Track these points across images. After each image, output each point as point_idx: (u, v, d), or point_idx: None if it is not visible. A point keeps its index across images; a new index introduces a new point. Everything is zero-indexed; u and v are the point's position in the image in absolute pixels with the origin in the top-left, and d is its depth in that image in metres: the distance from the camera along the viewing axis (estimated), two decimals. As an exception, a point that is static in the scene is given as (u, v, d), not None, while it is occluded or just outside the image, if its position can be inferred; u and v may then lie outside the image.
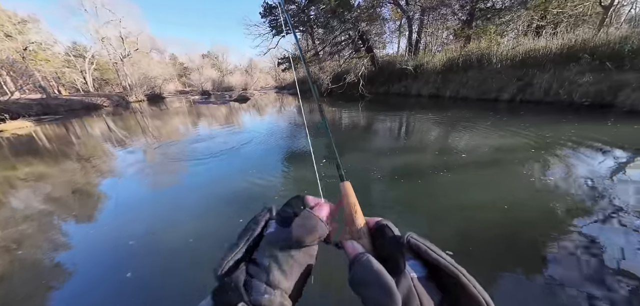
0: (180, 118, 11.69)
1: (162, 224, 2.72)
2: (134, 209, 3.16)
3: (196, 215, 2.88)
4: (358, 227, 0.37)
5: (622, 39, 7.48)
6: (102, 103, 22.18)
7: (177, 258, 2.16)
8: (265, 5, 17.32)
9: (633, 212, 2.28)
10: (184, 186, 3.79)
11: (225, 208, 3.00)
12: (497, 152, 4.11)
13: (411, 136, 5.88)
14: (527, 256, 1.89)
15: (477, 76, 10.57)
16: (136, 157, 5.49)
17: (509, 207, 2.51)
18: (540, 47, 9.23)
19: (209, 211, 2.96)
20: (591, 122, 5.43)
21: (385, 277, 0.28)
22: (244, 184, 3.55)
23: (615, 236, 2.01)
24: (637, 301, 1.48)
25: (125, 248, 2.33)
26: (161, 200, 3.36)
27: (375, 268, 0.29)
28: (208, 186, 3.67)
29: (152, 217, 2.92)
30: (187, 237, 2.41)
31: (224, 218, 2.77)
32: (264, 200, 3.09)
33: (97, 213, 3.09)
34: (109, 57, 29.36)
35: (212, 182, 3.82)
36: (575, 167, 3.31)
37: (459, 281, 0.29)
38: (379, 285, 0.28)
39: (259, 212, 0.39)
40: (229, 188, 3.52)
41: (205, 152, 5.41)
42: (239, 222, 2.60)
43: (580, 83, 7.36)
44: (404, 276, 0.29)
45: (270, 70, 44.28)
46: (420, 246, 0.32)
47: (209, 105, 17.82)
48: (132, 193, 3.69)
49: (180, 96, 32.57)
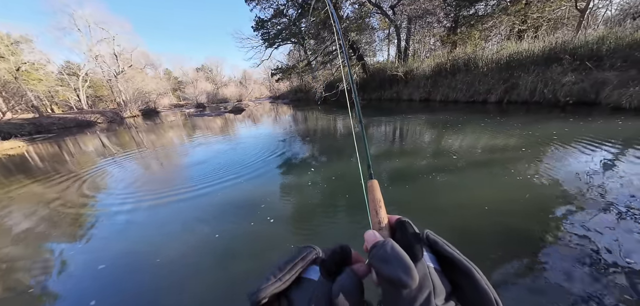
0: (175, 131, 11.72)
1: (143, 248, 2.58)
2: (115, 232, 2.96)
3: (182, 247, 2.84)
4: (380, 221, 0.41)
5: (599, 39, 7.85)
6: (96, 120, 22.07)
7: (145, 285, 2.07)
8: (257, 20, 17.72)
9: (622, 205, 2.37)
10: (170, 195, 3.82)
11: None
12: (490, 153, 4.24)
13: (406, 139, 6.02)
14: (521, 250, 1.95)
15: (465, 79, 10.88)
16: (127, 174, 5.50)
17: (503, 204, 2.61)
18: (523, 50, 9.59)
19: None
20: (577, 120, 5.64)
21: (405, 257, 0.31)
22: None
23: (605, 230, 2.09)
24: (626, 291, 1.54)
25: (93, 273, 2.26)
26: (147, 222, 3.11)
27: (396, 249, 0.31)
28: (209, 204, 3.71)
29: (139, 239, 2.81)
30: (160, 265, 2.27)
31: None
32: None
33: (76, 234, 2.97)
34: (102, 74, 29.41)
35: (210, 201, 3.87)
36: (565, 164, 3.44)
37: (471, 276, 0.31)
38: (398, 262, 0.30)
39: (306, 248, 0.39)
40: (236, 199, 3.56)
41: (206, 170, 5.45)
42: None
43: (564, 83, 7.66)
44: (421, 262, 0.32)
45: (264, 81, 44.71)
46: (437, 241, 0.36)
47: (204, 117, 17.89)
48: (118, 215, 3.37)
49: (175, 110, 32.59)
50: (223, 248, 2.42)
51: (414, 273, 0.29)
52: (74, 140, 12.48)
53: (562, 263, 1.78)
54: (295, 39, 18.76)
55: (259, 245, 2.42)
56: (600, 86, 6.92)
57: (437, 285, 0.31)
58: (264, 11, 17.92)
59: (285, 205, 3.17)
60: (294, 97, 26.70)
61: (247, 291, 0.33)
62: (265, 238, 2.52)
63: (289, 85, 31.09)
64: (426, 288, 0.29)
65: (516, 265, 1.80)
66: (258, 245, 2.43)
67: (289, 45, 22.77)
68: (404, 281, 0.29)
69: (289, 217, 2.89)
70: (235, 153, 5.98)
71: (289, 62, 26.23)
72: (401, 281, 0.29)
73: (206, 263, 2.23)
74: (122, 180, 4.80)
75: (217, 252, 2.37)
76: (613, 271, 1.68)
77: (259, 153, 5.68)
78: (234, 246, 2.42)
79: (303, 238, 2.49)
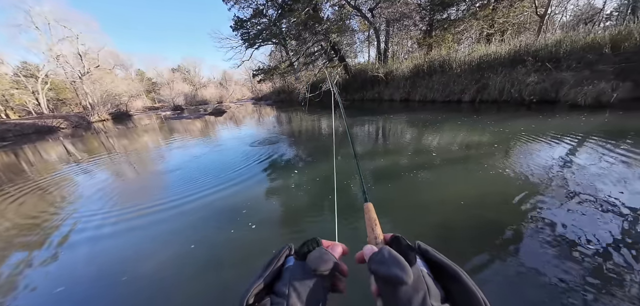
0: (150, 135, 11.08)
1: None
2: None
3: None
4: (376, 237, 0.46)
5: (557, 42, 8.61)
6: (59, 125, 20.27)
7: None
8: (236, 19, 17.29)
9: (583, 193, 2.61)
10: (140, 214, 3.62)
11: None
12: (466, 149, 4.48)
13: (388, 138, 6.18)
14: (497, 241, 2.07)
15: (441, 80, 11.41)
16: (94, 183, 5.12)
17: (479, 198, 2.77)
18: (492, 53, 10.27)
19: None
20: (539, 117, 6.14)
21: (399, 258, 0.34)
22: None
23: (569, 216, 2.29)
24: (588, 273, 1.70)
25: (48, 298, 2.04)
26: (114, 236, 2.86)
27: (392, 253, 0.36)
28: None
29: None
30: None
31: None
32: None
33: (30, 255, 2.65)
34: (65, 76, 27.05)
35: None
36: (533, 158, 3.72)
37: (459, 279, 0.34)
38: (394, 262, 0.34)
39: (279, 248, 0.46)
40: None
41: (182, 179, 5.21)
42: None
43: (528, 83, 8.30)
44: (415, 266, 0.35)
45: (245, 82, 43.69)
46: (428, 249, 0.40)
47: (182, 120, 17.11)
48: (81, 230, 3.08)
49: (150, 112, 30.83)
50: (200, 259, 2.29)
51: (409, 270, 0.32)
52: (33, 147, 11.36)
53: (534, 250, 1.93)
54: (276, 40, 18.53)
55: (240, 253, 2.33)
56: (559, 85, 7.59)
57: (431, 288, 0.33)
58: (242, 11, 17.53)
59: (268, 209, 3.10)
60: (277, 98, 26.39)
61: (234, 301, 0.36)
62: (247, 244, 2.43)
63: (271, 86, 30.64)
64: (421, 289, 0.32)
65: (494, 255, 1.92)
66: (239, 252, 2.34)
67: (270, 46, 22.48)
68: (400, 277, 0.32)
69: (272, 221, 2.83)
70: (214, 157, 5.78)
71: (271, 62, 25.87)
72: (397, 278, 0.32)
73: (181, 277, 2.09)
74: (88, 191, 4.44)
75: (193, 264, 2.23)
76: (578, 254, 1.84)
77: (240, 156, 5.55)
78: (212, 257, 2.30)
79: (287, 241, 2.44)
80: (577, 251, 1.87)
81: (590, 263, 1.75)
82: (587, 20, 14.01)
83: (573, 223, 2.16)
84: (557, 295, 1.56)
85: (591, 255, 1.82)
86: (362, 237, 0.48)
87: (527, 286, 1.65)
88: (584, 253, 1.84)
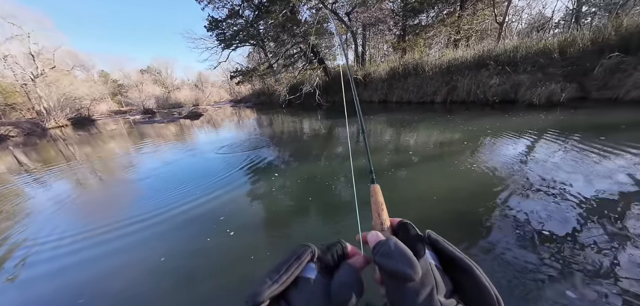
0: (116, 142, 10.30)
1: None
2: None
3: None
4: (382, 222, 0.42)
5: (514, 48, 9.49)
6: (8, 133, 18.04)
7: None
8: (211, 19, 16.73)
9: (541, 183, 2.91)
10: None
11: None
12: (440, 147, 4.78)
13: (369, 138, 6.34)
14: (470, 232, 2.24)
15: (415, 82, 12.01)
16: (49, 197, 4.67)
17: (452, 192, 2.97)
18: (459, 57, 11.03)
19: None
20: (502, 116, 6.72)
21: (408, 252, 0.31)
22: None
23: (530, 204, 2.55)
24: (549, 254, 1.91)
25: None
26: (70, 254, 2.61)
27: (399, 245, 0.32)
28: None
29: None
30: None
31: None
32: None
33: None
34: (15, 78, 24.18)
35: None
36: (498, 152, 4.09)
37: (472, 274, 0.32)
38: (402, 257, 0.31)
39: (301, 248, 0.38)
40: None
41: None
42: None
43: (491, 85, 9.04)
44: (423, 259, 0.32)
45: (223, 84, 42.28)
46: (438, 240, 0.37)
47: (154, 124, 16.13)
48: (30, 252, 2.75)
49: (117, 117, 28.62)
50: (171, 273, 2.15)
51: (417, 267, 0.30)
52: (-26, 159, 9.99)
53: (501, 237, 2.13)
54: (254, 41, 18.21)
55: (218, 262, 2.23)
56: (517, 87, 8.37)
57: (438, 282, 0.31)
58: (217, 11, 17.01)
59: (248, 215, 3.01)
60: (257, 100, 25.91)
61: (244, 296, 0.33)
62: (225, 253, 2.34)
63: (250, 88, 30.01)
64: (429, 283, 0.30)
65: (468, 245, 2.09)
66: (216, 261, 2.24)
67: (248, 47, 22.02)
68: (408, 273, 0.29)
69: (253, 226, 2.76)
70: (189, 163, 5.56)
71: (250, 64, 25.31)
72: (405, 274, 0.29)
73: (150, 295, 1.95)
74: (43, 204, 4.04)
75: (164, 279, 2.09)
76: (538, 239, 2.07)
77: (217, 161, 5.38)
78: (185, 269, 2.17)
79: (268, 247, 2.41)
80: (538, 236, 2.10)
81: (550, 246, 1.98)
82: (539, 28, 15.61)
83: (534, 211, 2.41)
84: (523, 275, 1.74)
85: (551, 239, 2.05)
86: (349, 236, 0.45)
87: (496, 270, 1.82)
88: (544, 237, 2.08)
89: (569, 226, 2.15)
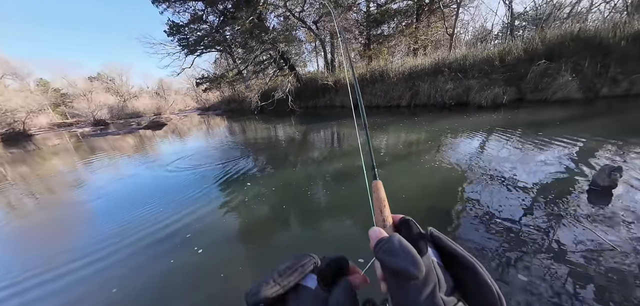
0: (59, 159, 8.99)
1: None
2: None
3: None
4: (385, 219, 0.42)
5: (463, 56, 10.64)
6: None
7: None
8: (171, 24, 15.76)
9: (496, 175, 3.32)
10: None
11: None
12: (408, 147, 5.14)
13: (342, 142, 6.55)
14: (440, 225, 2.47)
15: (382, 88, 12.72)
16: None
17: (420, 189, 3.23)
18: (419, 64, 12.02)
19: None
20: (458, 117, 7.45)
21: (412, 249, 0.31)
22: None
23: (488, 195, 2.89)
24: (504, 237, 2.20)
25: None
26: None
27: (403, 243, 0.32)
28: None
29: None
30: None
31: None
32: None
33: None
34: None
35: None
36: (458, 149, 4.54)
37: (475, 271, 0.32)
38: (405, 255, 0.30)
39: (305, 256, 0.40)
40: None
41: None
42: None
43: (447, 89, 9.99)
44: (426, 256, 0.32)
45: (188, 91, 39.75)
46: (441, 237, 0.37)
47: (107, 136, 14.49)
48: None
49: (60, 130, 25.07)
50: (125, 304, 1.97)
51: (421, 265, 0.30)
52: None
53: (464, 224, 2.40)
54: (220, 47, 17.56)
55: (182, 284, 2.08)
56: (468, 91, 9.37)
57: (441, 280, 0.31)
58: (178, 15, 16.10)
59: (218, 229, 2.85)
60: (227, 107, 24.87)
61: (245, 291, 0.34)
62: (190, 273, 2.18)
63: (220, 95, 28.67)
64: (431, 281, 0.30)
65: (441, 229, 2.27)
66: (180, 283, 2.08)
67: (214, 53, 21.14)
68: (412, 272, 0.29)
69: (223, 241, 2.61)
70: (150, 177, 5.16)
71: (217, 70, 24.28)
72: (409, 273, 0.29)
73: None
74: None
75: None
76: (495, 223, 2.36)
77: (183, 173, 5.05)
78: (143, 298, 2.00)
79: (241, 262, 2.29)
80: (495, 220, 2.41)
81: (505, 230, 2.28)
82: (482, 39, 17.72)
83: (490, 199, 2.76)
84: (485, 257, 1.98)
85: (505, 222, 2.36)
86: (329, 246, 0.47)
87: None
88: (500, 221, 2.39)
89: (518, 210, 2.50)
